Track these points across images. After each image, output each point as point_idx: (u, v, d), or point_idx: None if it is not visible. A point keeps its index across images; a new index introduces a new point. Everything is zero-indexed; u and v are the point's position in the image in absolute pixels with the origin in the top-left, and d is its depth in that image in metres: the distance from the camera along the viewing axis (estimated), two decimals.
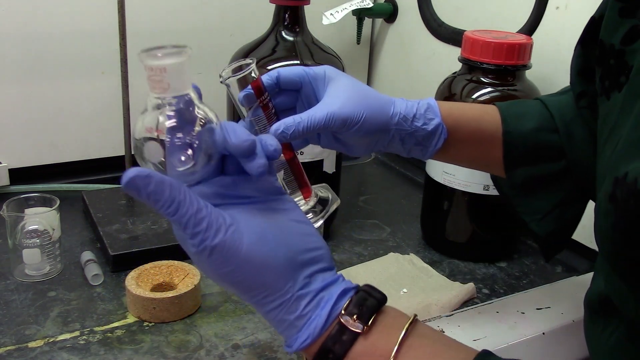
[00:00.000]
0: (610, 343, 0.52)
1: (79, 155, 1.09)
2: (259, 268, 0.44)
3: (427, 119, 0.63)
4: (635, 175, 0.40)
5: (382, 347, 0.44)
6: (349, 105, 0.58)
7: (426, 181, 0.95)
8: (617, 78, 0.50)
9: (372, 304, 0.46)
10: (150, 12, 1.06)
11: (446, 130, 0.63)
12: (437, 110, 0.63)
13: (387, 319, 0.46)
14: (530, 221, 0.68)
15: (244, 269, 0.44)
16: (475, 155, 0.68)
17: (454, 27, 1.10)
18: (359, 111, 0.58)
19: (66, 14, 1.01)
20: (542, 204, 0.67)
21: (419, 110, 0.63)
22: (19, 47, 0.99)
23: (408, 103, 0.63)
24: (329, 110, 0.57)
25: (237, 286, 0.45)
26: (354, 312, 0.45)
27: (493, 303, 0.77)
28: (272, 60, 0.86)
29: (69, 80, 1.04)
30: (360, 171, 1.26)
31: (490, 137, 0.66)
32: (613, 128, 0.49)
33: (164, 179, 0.42)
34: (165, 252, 0.83)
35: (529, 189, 0.67)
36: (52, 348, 0.68)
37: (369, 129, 0.59)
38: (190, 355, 0.68)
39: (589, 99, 0.62)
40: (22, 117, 1.03)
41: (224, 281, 0.45)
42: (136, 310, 0.73)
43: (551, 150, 0.65)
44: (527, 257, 0.94)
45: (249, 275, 0.44)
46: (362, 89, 0.60)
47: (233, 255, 0.43)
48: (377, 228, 1.01)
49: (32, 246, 0.79)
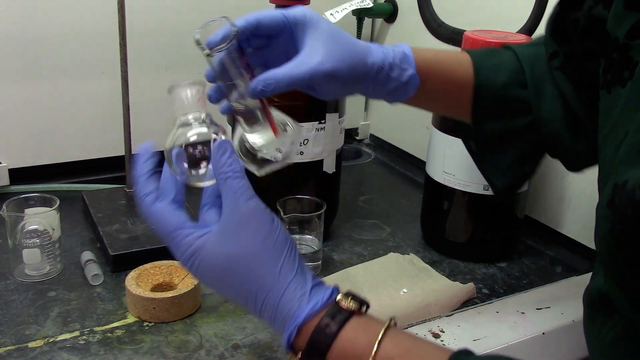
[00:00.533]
0: (609, 339, 0.52)
1: (79, 155, 1.09)
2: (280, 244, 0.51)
3: (401, 70, 0.62)
4: (634, 185, 0.40)
5: (374, 325, 0.49)
6: (331, 60, 0.57)
7: (426, 181, 0.95)
8: (620, 72, 0.50)
9: (360, 299, 0.51)
10: (150, 12, 1.06)
11: (419, 80, 0.63)
12: (412, 60, 0.62)
13: (370, 315, 0.52)
14: (491, 175, 0.69)
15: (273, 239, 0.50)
16: (444, 105, 0.68)
17: (454, 27, 1.10)
18: (340, 67, 0.57)
19: (66, 14, 1.01)
20: (505, 158, 0.68)
21: (395, 60, 0.61)
22: (19, 47, 0.99)
23: (384, 51, 0.62)
24: (310, 67, 0.56)
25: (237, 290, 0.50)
26: (349, 296, 0.50)
27: (493, 303, 0.77)
28: None
29: (69, 80, 1.04)
30: (360, 171, 1.26)
31: (460, 89, 0.65)
32: (615, 124, 0.49)
33: None
34: (165, 252, 0.81)
35: (494, 143, 0.67)
36: (52, 348, 0.68)
37: (347, 81, 0.59)
38: (190, 355, 0.68)
39: (561, 59, 0.62)
40: (22, 117, 1.03)
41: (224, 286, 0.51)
42: (136, 310, 0.73)
43: (519, 105, 0.65)
44: (527, 257, 0.94)
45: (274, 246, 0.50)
46: (343, 39, 0.59)
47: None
48: (377, 228, 1.01)
49: (32, 246, 0.79)
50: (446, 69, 0.65)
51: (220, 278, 0.51)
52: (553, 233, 0.97)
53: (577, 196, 0.93)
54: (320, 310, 0.49)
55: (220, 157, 0.52)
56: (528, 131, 0.66)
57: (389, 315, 0.52)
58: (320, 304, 0.49)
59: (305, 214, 0.84)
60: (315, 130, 0.86)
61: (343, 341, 0.48)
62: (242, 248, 0.50)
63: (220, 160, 0.52)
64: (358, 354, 0.48)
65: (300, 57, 0.57)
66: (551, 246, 0.96)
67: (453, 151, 0.87)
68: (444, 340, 0.69)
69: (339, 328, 0.48)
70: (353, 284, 0.81)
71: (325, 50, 0.57)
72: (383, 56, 0.61)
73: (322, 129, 0.87)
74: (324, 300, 0.49)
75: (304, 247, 0.85)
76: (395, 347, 0.48)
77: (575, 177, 0.92)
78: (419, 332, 0.69)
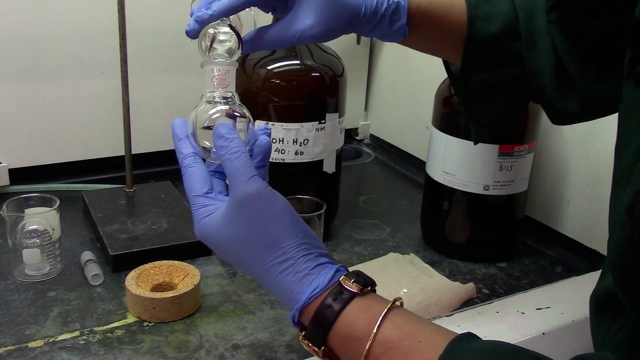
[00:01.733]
0: (617, 340, 0.51)
1: (79, 155, 1.09)
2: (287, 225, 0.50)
3: (391, 20, 0.62)
4: None
5: (375, 306, 0.49)
6: (320, 24, 0.57)
7: (426, 181, 0.95)
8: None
9: (365, 279, 0.51)
10: (150, 12, 1.06)
11: (407, 31, 0.63)
12: (404, 11, 0.62)
13: (376, 295, 0.52)
14: (474, 127, 0.68)
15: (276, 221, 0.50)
16: (436, 50, 0.68)
17: None
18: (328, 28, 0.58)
19: (66, 14, 1.01)
20: (490, 110, 0.67)
21: (387, 11, 0.61)
22: (19, 47, 0.99)
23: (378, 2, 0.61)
24: (296, 30, 0.57)
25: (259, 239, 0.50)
26: (352, 278, 0.50)
27: (493, 303, 0.77)
28: (272, 60, 0.86)
29: (69, 80, 1.04)
30: (360, 171, 1.26)
31: (453, 36, 0.65)
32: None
33: None
34: (165, 252, 0.83)
35: (482, 93, 0.67)
36: (52, 348, 0.68)
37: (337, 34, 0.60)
38: (190, 355, 0.68)
39: (559, 12, 0.60)
40: (22, 117, 1.03)
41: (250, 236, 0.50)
42: (136, 310, 0.73)
43: (510, 57, 0.64)
44: (527, 257, 0.94)
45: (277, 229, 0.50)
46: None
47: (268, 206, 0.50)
48: (377, 228, 1.01)
49: (32, 246, 0.79)
50: (439, 17, 0.64)
51: (226, 255, 0.53)
52: (553, 233, 0.97)
53: (577, 196, 0.93)
54: (322, 292, 0.49)
55: (219, 139, 0.52)
56: (517, 83, 0.65)
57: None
58: (321, 287, 0.49)
59: (305, 214, 0.84)
60: (315, 130, 0.86)
61: (343, 323, 0.48)
62: (242, 231, 0.50)
63: (217, 142, 0.52)
64: (358, 336, 0.48)
65: (289, 17, 0.58)
66: (551, 246, 0.96)
67: (453, 151, 0.87)
68: None
69: (340, 310, 0.48)
70: None
71: (316, 12, 0.57)
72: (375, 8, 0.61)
73: (322, 129, 0.87)
74: (325, 283, 0.49)
75: None
76: (395, 329, 0.48)
77: (575, 177, 0.92)
78: None
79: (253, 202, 0.50)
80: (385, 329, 0.47)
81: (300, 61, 0.86)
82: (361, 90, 1.36)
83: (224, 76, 0.56)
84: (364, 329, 0.48)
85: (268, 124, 0.84)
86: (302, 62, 0.86)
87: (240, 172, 0.50)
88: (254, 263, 0.51)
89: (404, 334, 0.47)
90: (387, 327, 0.47)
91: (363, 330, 0.48)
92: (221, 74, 0.56)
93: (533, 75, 0.64)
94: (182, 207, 0.95)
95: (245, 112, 0.56)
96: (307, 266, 0.50)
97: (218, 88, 0.56)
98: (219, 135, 0.52)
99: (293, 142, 0.86)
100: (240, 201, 0.50)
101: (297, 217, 0.52)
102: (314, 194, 0.86)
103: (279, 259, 0.50)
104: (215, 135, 0.52)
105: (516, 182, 0.88)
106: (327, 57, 0.89)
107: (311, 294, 0.49)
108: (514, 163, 0.86)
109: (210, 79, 0.56)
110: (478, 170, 0.86)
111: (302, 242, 0.51)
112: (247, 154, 0.51)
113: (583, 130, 0.90)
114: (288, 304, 0.51)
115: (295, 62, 0.86)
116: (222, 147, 0.52)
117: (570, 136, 0.93)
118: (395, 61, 1.28)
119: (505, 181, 0.87)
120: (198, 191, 0.54)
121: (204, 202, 0.53)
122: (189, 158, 0.55)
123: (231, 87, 0.56)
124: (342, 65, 0.90)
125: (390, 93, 1.31)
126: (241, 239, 0.51)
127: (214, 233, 0.52)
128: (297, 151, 0.86)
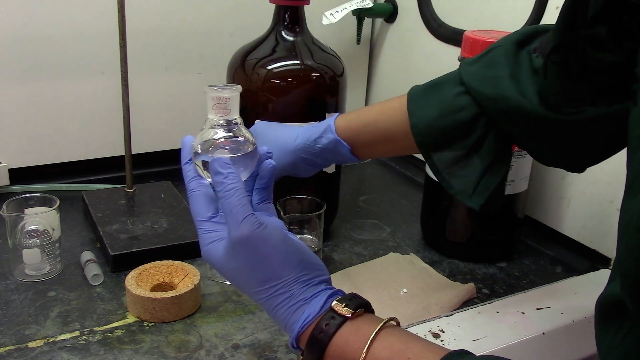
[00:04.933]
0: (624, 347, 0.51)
1: (79, 155, 1.09)
2: (282, 261, 0.52)
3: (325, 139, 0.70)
4: None
5: (366, 328, 0.51)
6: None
7: (426, 181, 0.95)
8: None
9: (358, 302, 0.53)
10: (150, 12, 1.06)
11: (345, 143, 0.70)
12: (333, 128, 0.70)
13: (370, 315, 0.54)
14: (462, 199, 0.68)
15: (271, 258, 0.52)
16: (390, 150, 0.73)
17: (454, 27, 1.10)
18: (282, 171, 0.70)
19: (66, 14, 1.01)
20: (467, 180, 0.67)
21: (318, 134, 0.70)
22: (19, 47, 0.99)
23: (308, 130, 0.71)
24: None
25: (256, 276, 0.53)
26: (344, 302, 0.52)
27: (493, 303, 0.77)
28: (272, 60, 0.86)
29: (69, 80, 1.04)
30: (360, 171, 1.26)
31: (394, 134, 0.69)
32: None
33: None
34: (165, 252, 0.83)
35: (451, 169, 0.67)
36: (52, 348, 0.68)
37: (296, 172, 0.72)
38: (190, 355, 0.68)
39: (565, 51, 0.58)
40: (22, 117, 1.03)
41: (248, 272, 0.53)
42: (136, 310, 0.73)
43: (462, 127, 0.65)
44: (527, 257, 0.94)
45: (272, 266, 0.52)
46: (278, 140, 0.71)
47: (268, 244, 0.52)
48: (377, 228, 1.01)
49: (32, 246, 0.79)
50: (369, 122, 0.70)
51: (229, 281, 0.56)
52: (553, 233, 0.97)
53: (577, 196, 0.93)
54: (314, 319, 0.52)
55: (216, 175, 0.54)
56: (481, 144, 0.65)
57: (389, 315, 0.52)
58: (312, 315, 0.52)
59: (305, 214, 0.84)
60: None
61: (336, 346, 0.51)
62: (240, 268, 0.53)
63: (213, 177, 0.54)
64: (350, 358, 0.50)
65: None
66: (551, 246, 0.96)
67: None
68: (443, 340, 0.69)
69: (332, 334, 0.51)
70: (353, 283, 0.82)
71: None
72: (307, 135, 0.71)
73: None
74: (316, 310, 0.52)
75: None
76: (384, 349, 0.50)
77: (576, 177, 0.92)
78: (419, 332, 0.69)
79: (247, 243, 0.52)
80: (375, 349, 0.50)
81: (300, 61, 0.86)
82: (361, 90, 1.36)
83: (225, 104, 0.56)
84: (355, 350, 0.50)
85: None
86: (302, 62, 0.86)
87: (234, 212, 0.52)
88: (253, 294, 0.54)
89: (393, 352, 0.49)
90: (377, 347, 0.50)
91: (354, 352, 0.50)
92: (222, 102, 0.56)
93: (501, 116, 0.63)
94: (182, 207, 0.95)
95: (249, 137, 0.57)
96: (302, 297, 0.53)
97: (221, 114, 0.56)
98: (215, 171, 0.54)
99: None
100: (234, 243, 0.52)
101: (294, 247, 0.54)
102: (314, 194, 0.86)
103: (277, 292, 0.53)
104: (211, 170, 0.54)
105: (516, 182, 0.88)
106: (327, 57, 0.89)
107: (304, 322, 0.52)
108: (514, 163, 0.86)
109: (211, 106, 0.56)
110: None
111: (299, 274, 0.53)
112: (243, 190, 0.53)
113: None
114: (287, 332, 0.54)
115: (295, 62, 0.86)
116: (217, 183, 0.53)
117: None
118: (395, 61, 1.28)
119: None
120: (202, 215, 0.56)
121: (209, 227, 0.55)
122: (193, 182, 0.57)
123: (234, 114, 0.57)
124: (342, 65, 0.90)
125: (390, 93, 1.31)
126: (240, 274, 0.53)
127: (216, 262, 0.54)
128: None
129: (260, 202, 0.59)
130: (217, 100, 0.56)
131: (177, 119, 1.13)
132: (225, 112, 0.56)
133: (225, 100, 0.56)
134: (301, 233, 0.84)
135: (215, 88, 0.56)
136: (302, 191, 0.86)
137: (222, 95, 0.56)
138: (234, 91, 0.56)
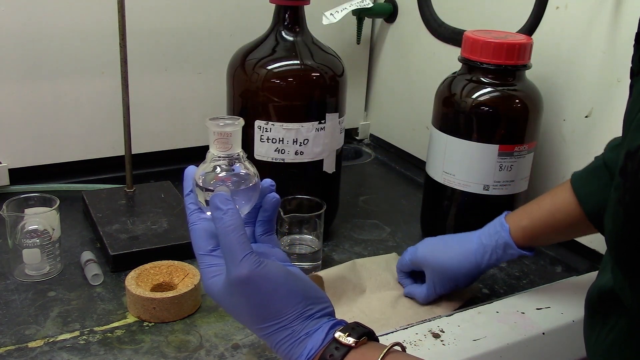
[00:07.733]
0: (608, 341, 0.51)
1: (79, 155, 1.09)
2: (283, 297, 0.52)
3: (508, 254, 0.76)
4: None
5: (370, 355, 0.50)
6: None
7: (426, 181, 0.95)
8: None
9: (361, 330, 0.52)
10: (150, 12, 1.06)
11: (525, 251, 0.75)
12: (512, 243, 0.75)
13: (374, 342, 0.53)
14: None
15: (272, 296, 0.51)
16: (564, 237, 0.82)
17: (454, 27, 1.10)
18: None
19: (66, 13, 1.01)
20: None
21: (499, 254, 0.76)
22: (19, 47, 0.99)
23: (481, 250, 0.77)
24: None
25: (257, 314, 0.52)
26: (347, 332, 0.52)
27: (493, 303, 0.77)
28: (272, 60, 0.86)
29: (69, 80, 1.04)
30: (360, 171, 1.26)
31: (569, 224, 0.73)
32: None
33: None
34: (165, 252, 0.83)
35: None
36: (52, 348, 0.68)
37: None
38: (190, 355, 0.68)
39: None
40: (22, 117, 1.03)
41: (249, 310, 0.52)
42: (136, 310, 0.73)
43: None
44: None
45: (273, 303, 0.51)
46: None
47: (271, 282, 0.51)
48: (377, 228, 1.01)
49: (32, 246, 0.79)
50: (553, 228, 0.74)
51: (230, 314, 0.55)
52: None
53: None
54: (318, 351, 0.51)
55: (215, 211, 0.53)
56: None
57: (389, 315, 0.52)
58: (315, 348, 0.51)
59: (305, 214, 0.84)
60: (315, 130, 0.86)
61: None
62: (241, 305, 0.52)
63: (214, 214, 0.53)
64: None
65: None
66: (551, 246, 0.96)
67: (453, 151, 0.87)
68: (443, 340, 0.69)
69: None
70: (357, 278, 0.81)
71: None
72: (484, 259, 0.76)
73: (322, 129, 0.87)
74: (319, 343, 0.51)
75: (304, 247, 0.85)
76: None
77: None
78: (419, 332, 0.69)
79: (247, 283, 0.51)
80: None
81: (300, 61, 0.86)
82: (361, 90, 1.36)
83: (226, 139, 0.55)
84: None
85: (268, 124, 0.84)
86: (302, 62, 0.86)
87: (232, 250, 0.51)
88: (255, 330, 0.53)
89: None
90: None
91: None
92: (223, 137, 0.55)
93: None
94: (182, 207, 0.95)
95: (250, 170, 0.56)
96: (305, 332, 0.52)
97: (223, 148, 0.55)
98: (215, 207, 0.53)
99: (293, 142, 0.86)
100: (233, 283, 0.51)
101: (296, 282, 0.53)
102: (314, 194, 0.86)
103: (279, 328, 0.52)
104: (211, 205, 0.53)
105: (516, 182, 0.88)
106: (327, 57, 0.89)
107: (307, 356, 0.51)
108: (514, 163, 0.86)
109: (213, 141, 0.55)
110: (478, 170, 0.86)
111: (302, 310, 0.52)
112: (241, 227, 0.52)
113: (583, 130, 0.90)
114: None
115: (295, 62, 0.86)
116: (216, 219, 0.52)
117: (570, 136, 0.93)
118: (395, 61, 1.28)
119: (505, 181, 0.87)
120: (203, 249, 0.55)
121: (210, 261, 0.54)
122: (194, 215, 0.56)
123: (236, 147, 0.56)
124: (342, 65, 0.90)
125: (390, 93, 1.31)
126: (241, 311, 0.53)
127: (218, 298, 0.54)
128: (297, 151, 0.86)
129: (263, 234, 0.58)
130: (219, 135, 0.55)
131: (177, 119, 1.13)
132: (227, 147, 0.55)
133: (227, 135, 0.55)
134: (301, 233, 0.84)
135: (216, 122, 0.55)
136: (302, 191, 0.86)
137: (223, 130, 0.55)
138: (235, 126, 0.55)
